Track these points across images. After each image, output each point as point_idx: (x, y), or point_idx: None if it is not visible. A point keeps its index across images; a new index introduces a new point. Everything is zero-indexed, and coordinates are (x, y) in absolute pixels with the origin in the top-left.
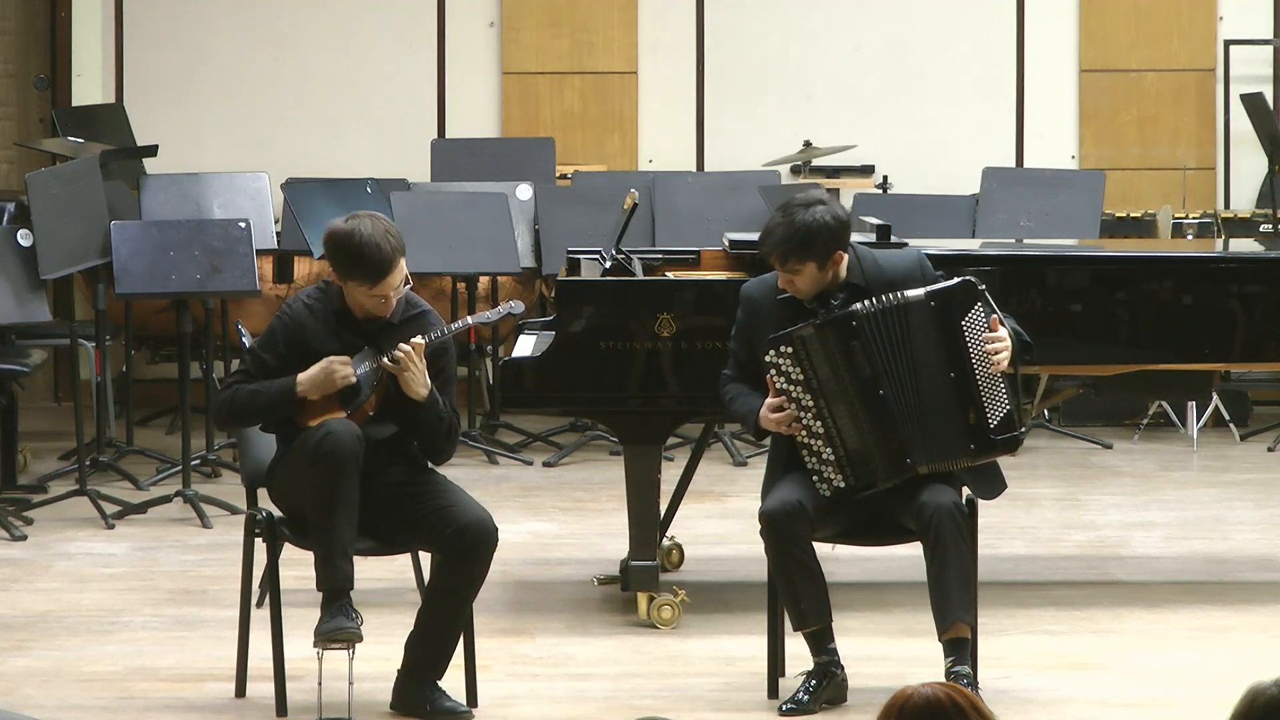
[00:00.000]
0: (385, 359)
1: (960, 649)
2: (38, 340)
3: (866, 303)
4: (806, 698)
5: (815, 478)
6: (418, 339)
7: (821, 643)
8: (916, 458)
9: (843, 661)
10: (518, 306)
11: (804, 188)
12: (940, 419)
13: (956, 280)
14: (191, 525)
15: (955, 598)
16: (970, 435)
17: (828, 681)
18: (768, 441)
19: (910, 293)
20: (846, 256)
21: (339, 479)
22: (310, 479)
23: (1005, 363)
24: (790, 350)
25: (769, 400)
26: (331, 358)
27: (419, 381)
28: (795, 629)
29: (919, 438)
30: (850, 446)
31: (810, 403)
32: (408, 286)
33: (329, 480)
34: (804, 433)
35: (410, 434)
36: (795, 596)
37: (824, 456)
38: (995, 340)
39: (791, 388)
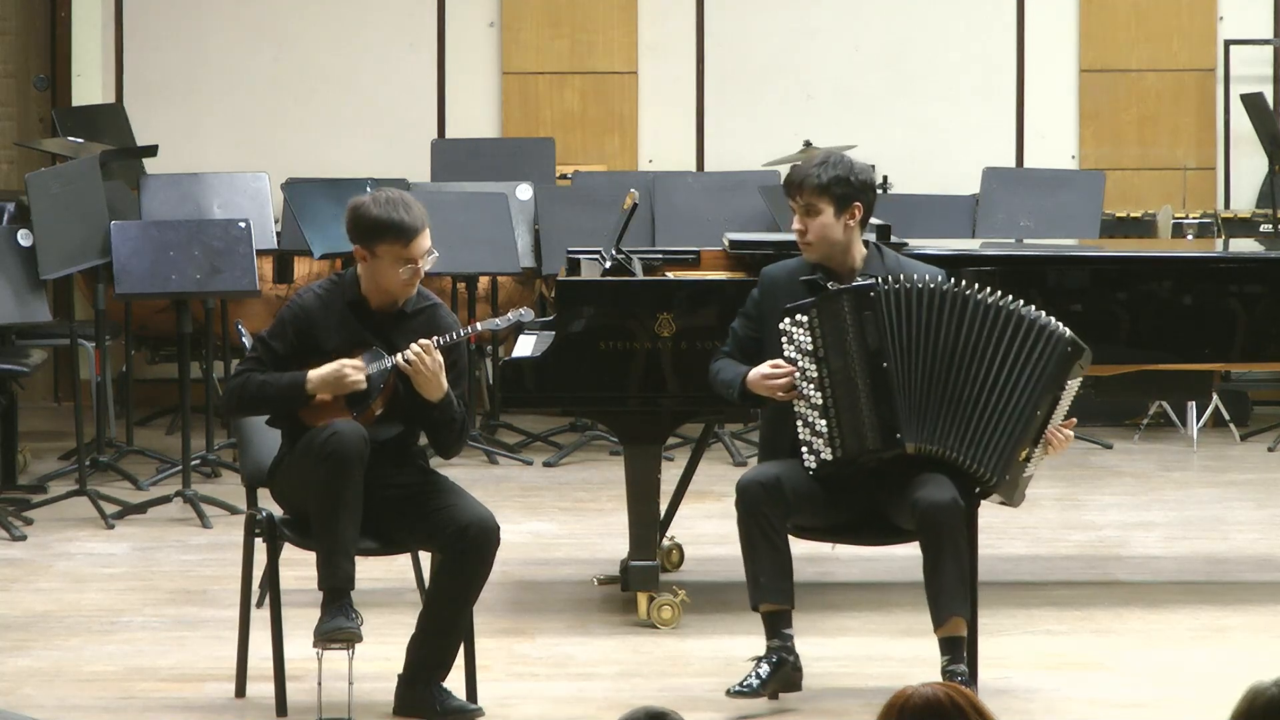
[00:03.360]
0: (400, 357)
1: (956, 647)
2: (38, 340)
3: (886, 279)
4: (756, 682)
5: (805, 449)
6: (427, 340)
7: (776, 626)
8: (906, 434)
9: (801, 653)
10: (527, 314)
11: None
12: (988, 425)
13: (1085, 346)
14: (191, 525)
15: (951, 592)
16: (1006, 466)
17: (778, 668)
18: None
19: (1058, 327)
20: (861, 244)
21: (344, 479)
22: (315, 478)
23: (1057, 452)
24: (805, 319)
25: (768, 361)
26: (344, 360)
27: (434, 384)
28: (752, 605)
29: (914, 417)
30: (844, 414)
31: (815, 373)
32: (434, 257)
33: (334, 480)
34: (803, 403)
35: (423, 431)
36: (755, 570)
37: (817, 428)
38: (1067, 429)
39: (800, 357)
